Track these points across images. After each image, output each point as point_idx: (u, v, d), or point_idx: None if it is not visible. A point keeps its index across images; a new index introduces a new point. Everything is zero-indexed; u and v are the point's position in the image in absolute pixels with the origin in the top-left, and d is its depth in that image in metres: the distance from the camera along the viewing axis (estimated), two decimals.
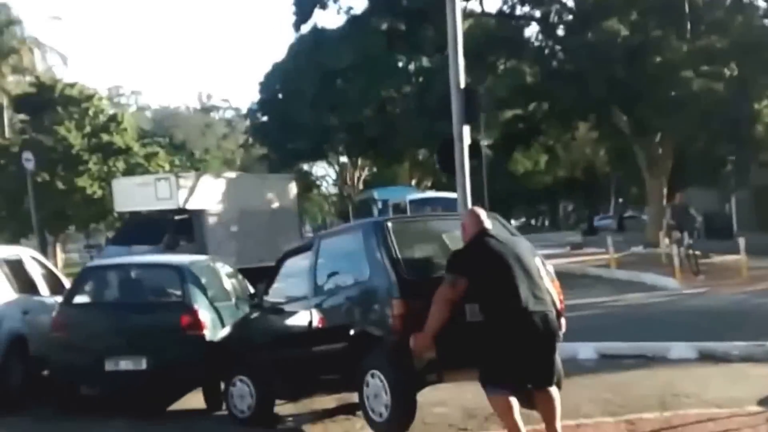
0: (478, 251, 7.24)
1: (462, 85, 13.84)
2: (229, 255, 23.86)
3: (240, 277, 12.86)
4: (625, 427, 8.15)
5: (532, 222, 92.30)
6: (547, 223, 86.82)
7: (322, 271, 8.93)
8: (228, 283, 11.98)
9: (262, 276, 10.69)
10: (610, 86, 31.16)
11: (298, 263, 9.49)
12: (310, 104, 44.39)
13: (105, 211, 42.30)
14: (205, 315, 10.46)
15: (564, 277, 25.92)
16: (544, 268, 7.70)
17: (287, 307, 9.44)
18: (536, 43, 35.61)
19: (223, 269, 12.48)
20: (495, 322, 7.05)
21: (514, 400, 7.02)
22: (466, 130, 13.82)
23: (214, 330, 10.44)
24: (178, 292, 10.76)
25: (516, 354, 7.02)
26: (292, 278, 9.66)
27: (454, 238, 7.94)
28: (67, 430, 9.87)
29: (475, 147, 14.32)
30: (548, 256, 32.03)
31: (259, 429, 9.34)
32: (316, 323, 8.73)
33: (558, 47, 35.42)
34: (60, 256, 51.16)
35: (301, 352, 8.87)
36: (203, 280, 11.11)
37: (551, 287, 7.55)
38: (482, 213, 7.63)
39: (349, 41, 40.83)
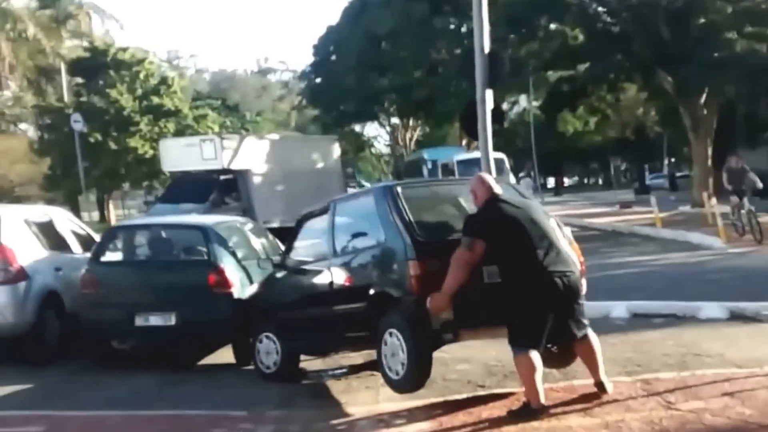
0: (493, 215, 7.43)
1: (486, 50, 13.92)
2: (274, 213, 24.41)
3: (270, 236, 13.03)
4: (640, 386, 8.18)
5: (585, 180, 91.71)
6: (600, 181, 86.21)
7: (340, 233, 9.06)
8: (257, 243, 12.12)
9: None
10: (654, 47, 30.96)
11: (317, 225, 9.64)
12: (359, 67, 44.67)
13: (156, 170, 42.84)
14: (232, 273, 10.66)
15: (611, 236, 26.17)
16: (560, 230, 7.79)
17: (308, 267, 9.59)
18: (581, 5, 35.18)
19: (252, 229, 12.64)
20: (515, 284, 7.27)
21: (538, 363, 7.27)
22: (489, 94, 13.91)
23: (242, 288, 10.65)
24: (204, 252, 10.98)
25: (538, 314, 7.23)
26: (312, 239, 9.83)
27: (469, 202, 8.01)
28: (99, 383, 10.17)
29: (497, 111, 14.41)
30: (597, 215, 32.12)
31: (283, 384, 9.54)
32: (336, 283, 8.88)
33: (602, 9, 35.11)
34: (113, 212, 52.31)
35: (323, 310, 9.02)
36: (229, 240, 11.29)
37: (570, 250, 7.66)
38: (490, 178, 7.85)
39: (393, 6, 40.96)
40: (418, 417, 7.85)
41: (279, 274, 10.10)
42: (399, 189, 8.30)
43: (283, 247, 12.55)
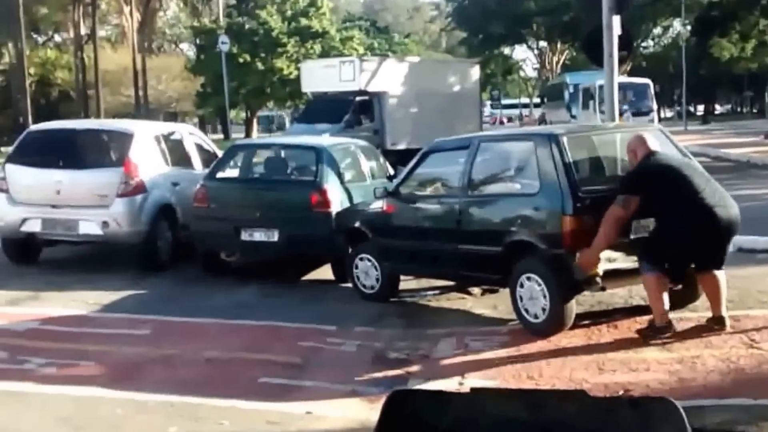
0: (649, 171, 7.58)
1: None
2: (403, 136, 24.85)
3: (381, 159, 13.26)
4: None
5: (739, 109, 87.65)
6: (755, 109, 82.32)
7: (479, 174, 8.95)
8: (366, 166, 12.24)
9: None
10: None
11: (449, 159, 9.60)
12: None
13: (299, 90, 43.81)
14: (334, 194, 10.86)
15: (742, 168, 25.29)
16: None
17: (431, 202, 9.59)
18: None
19: (364, 151, 12.71)
20: (676, 223, 7.45)
21: (666, 281, 7.54)
22: (616, 19, 13.50)
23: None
24: (313, 172, 11.23)
25: (689, 251, 7.56)
26: (440, 174, 9.80)
27: (625, 150, 8.04)
28: (204, 292, 10.69)
29: (625, 38, 14.00)
30: (737, 145, 30.78)
31: (376, 303, 9.78)
32: (465, 222, 8.83)
33: None
34: (256, 128, 53.73)
35: (444, 245, 9.00)
36: (339, 162, 11.47)
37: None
38: (648, 136, 7.91)
39: None
40: (497, 342, 8.05)
41: (390, 201, 9.78)
42: (565, 139, 8.16)
43: (392, 171, 12.77)
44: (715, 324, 7.72)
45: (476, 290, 10.01)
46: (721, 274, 7.72)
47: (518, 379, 6.91)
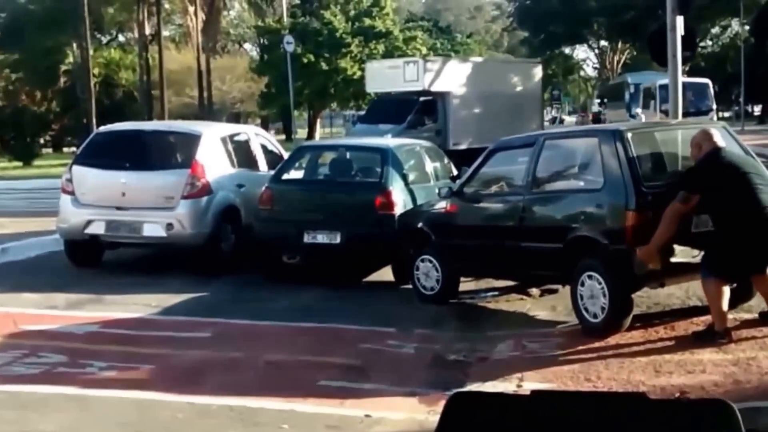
0: (713, 167, 7.56)
1: None
2: (465, 136, 24.83)
3: (446, 160, 13.24)
4: None
5: None
6: None
7: (543, 171, 8.97)
8: (430, 167, 12.21)
9: None
10: None
11: (512, 158, 9.61)
12: None
13: (362, 90, 43.75)
14: (399, 196, 10.86)
15: None
16: None
17: (494, 200, 9.61)
18: None
19: (429, 152, 12.71)
20: (732, 225, 7.45)
21: (726, 288, 7.53)
22: (680, 20, 13.37)
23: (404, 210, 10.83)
24: (378, 173, 11.26)
25: (747, 254, 7.49)
26: (504, 172, 9.80)
27: (687, 147, 8.02)
28: (265, 296, 10.73)
29: (689, 38, 13.85)
30: None
31: (435, 305, 9.78)
32: (528, 220, 8.84)
33: None
34: (319, 129, 53.94)
35: (507, 243, 8.99)
36: (404, 163, 11.49)
37: None
38: (715, 132, 7.85)
39: None
40: (555, 344, 8.07)
41: (454, 201, 9.76)
42: (629, 135, 8.19)
43: (455, 171, 12.74)
44: (766, 319, 7.80)
45: (535, 291, 10.01)
46: None
47: (576, 381, 6.93)
